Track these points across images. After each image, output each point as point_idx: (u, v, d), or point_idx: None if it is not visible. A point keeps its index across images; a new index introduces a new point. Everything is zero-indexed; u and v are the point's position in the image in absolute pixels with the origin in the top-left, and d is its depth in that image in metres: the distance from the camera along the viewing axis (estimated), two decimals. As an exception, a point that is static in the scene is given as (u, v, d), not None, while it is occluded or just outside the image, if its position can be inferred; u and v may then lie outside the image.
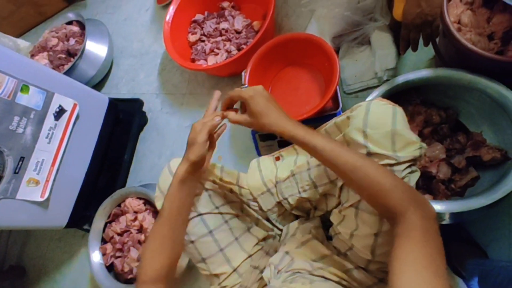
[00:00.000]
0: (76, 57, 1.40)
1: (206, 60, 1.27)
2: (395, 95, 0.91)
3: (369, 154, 0.53)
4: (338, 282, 0.57)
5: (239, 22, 1.29)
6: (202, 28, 1.34)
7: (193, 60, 1.29)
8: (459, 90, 0.87)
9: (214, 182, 0.73)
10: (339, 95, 1.01)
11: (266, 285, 0.59)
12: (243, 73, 1.13)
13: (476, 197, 0.70)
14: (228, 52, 1.25)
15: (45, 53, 1.48)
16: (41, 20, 1.94)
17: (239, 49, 1.25)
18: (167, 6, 1.58)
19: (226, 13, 1.32)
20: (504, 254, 0.83)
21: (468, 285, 0.83)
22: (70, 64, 1.40)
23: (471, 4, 0.76)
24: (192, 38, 1.33)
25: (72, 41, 1.49)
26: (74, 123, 1.06)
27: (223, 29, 1.29)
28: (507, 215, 0.86)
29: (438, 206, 0.73)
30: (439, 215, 0.77)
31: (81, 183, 1.12)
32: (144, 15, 1.66)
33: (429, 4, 0.67)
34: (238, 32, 1.28)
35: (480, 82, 0.76)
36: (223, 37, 1.28)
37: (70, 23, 1.57)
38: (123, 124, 1.30)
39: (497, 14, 0.73)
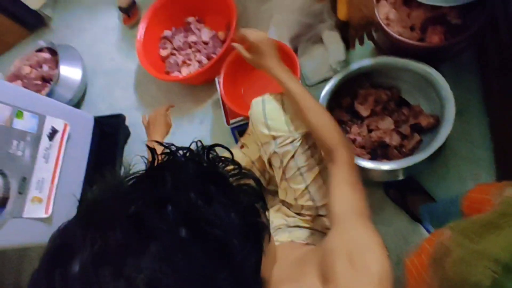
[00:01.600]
0: (52, 82, 1.46)
1: (180, 71, 1.39)
2: (348, 82, 1.09)
3: (274, 137, 0.73)
4: (310, 228, 0.73)
5: (206, 34, 1.42)
6: (171, 42, 1.46)
7: (167, 73, 1.41)
8: (397, 72, 1.07)
9: None
10: (302, 87, 1.18)
11: None
12: (216, 79, 1.27)
13: (418, 154, 0.90)
14: (199, 62, 1.38)
15: (19, 81, 1.52)
16: (3, 50, 1.95)
17: (208, 58, 1.39)
18: (133, 26, 1.68)
19: (192, 27, 1.46)
20: (445, 196, 1.03)
21: (425, 227, 1.03)
22: (47, 89, 1.46)
23: (395, 3, 0.96)
24: (164, 52, 1.44)
25: (45, 67, 1.54)
26: (67, 142, 1.14)
27: (191, 41, 1.42)
28: (445, 167, 1.07)
29: (393, 165, 0.92)
30: (395, 172, 0.95)
31: (79, 196, 1.20)
32: (111, 35, 1.74)
33: (367, 8, 0.86)
34: (206, 43, 1.42)
35: (410, 64, 0.97)
36: (193, 49, 1.42)
37: (39, 50, 1.62)
38: (109, 138, 1.38)
39: (414, 10, 0.93)
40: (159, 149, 0.36)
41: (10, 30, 1.88)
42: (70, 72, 1.55)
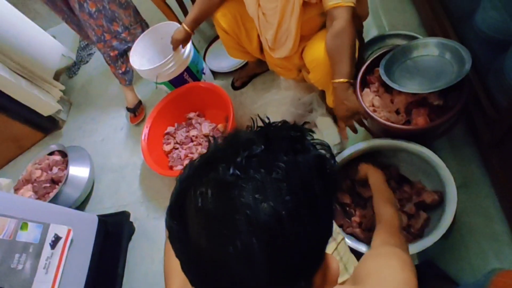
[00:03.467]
0: (60, 184, 1.51)
1: (182, 165, 1.43)
2: (346, 165, 1.11)
3: None
4: None
5: (206, 127, 1.51)
6: (174, 138, 1.54)
7: (171, 167, 1.45)
8: (392, 152, 1.09)
9: None
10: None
11: None
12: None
13: (427, 236, 0.86)
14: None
15: (30, 185, 1.58)
16: (19, 153, 2.07)
17: (210, 150, 1.44)
18: (140, 123, 1.80)
19: (193, 121, 1.55)
20: (470, 278, 0.95)
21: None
22: (55, 191, 1.50)
23: (377, 91, 1.03)
24: (167, 148, 1.52)
25: (55, 170, 1.61)
26: (69, 248, 1.13)
27: (193, 135, 1.50)
28: (463, 245, 1.01)
29: (402, 251, 0.87)
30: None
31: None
32: (119, 133, 1.85)
33: (350, 101, 0.92)
34: (206, 136, 1.49)
35: (402, 145, 0.99)
36: (195, 143, 1.49)
37: (51, 153, 1.71)
38: (113, 237, 1.37)
39: (396, 96, 0.99)
40: None
41: (27, 135, 2.03)
42: (78, 172, 1.61)
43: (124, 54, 1.68)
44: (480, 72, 1.01)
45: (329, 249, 0.73)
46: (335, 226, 0.78)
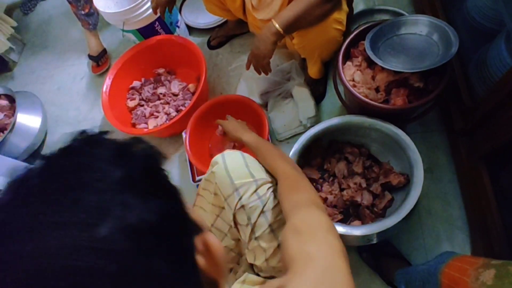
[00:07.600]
0: (6, 132, 1.36)
1: (147, 123, 1.33)
2: (317, 140, 1.07)
3: (236, 188, 0.69)
4: None
5: (175, 86, 1.40)
6: (140, 93, 1.42)
7: (134, 125, 1.35)
8: (365, 130, 1.07)
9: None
10: (272, 144, 1.15)
11: None
12: (183, 133, 1.22)
13: (389, 217, 0.86)
14: (168, 114, 1.34)
15: (-31, 131, 1.40)
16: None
17: (177, 111, 1.35)
18: (103, 74, 1.64)
19: (162, 78, 1.43)
20: (423, 259, 0.99)
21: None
22: (-1, 139, 1.35)
23: (360, 66, 0.98)
24: (131, 103, 1.40)
25: (0, 115, 1.44)
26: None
27: (160, 93, 1.39)
28: (420, 227, 1.04)
29: (364, 230, 0.87)
30: (368, 237, 0.90)
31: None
32: (79, 83, 1.69)
33: (265, 47, 0.92)
34: (175, 95, 1.39)
35: (377, 124, 0.96)
36: (162, 101, 1.38)
37: (-3, 97, 1.53)
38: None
39: (378, 73, 0.95)
40: None
41: (-30, 75, 1.79)
42: (28, 120, 1.45)
43: (88, -7, 1.48)
44: (463, 59, 0.99)
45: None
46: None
